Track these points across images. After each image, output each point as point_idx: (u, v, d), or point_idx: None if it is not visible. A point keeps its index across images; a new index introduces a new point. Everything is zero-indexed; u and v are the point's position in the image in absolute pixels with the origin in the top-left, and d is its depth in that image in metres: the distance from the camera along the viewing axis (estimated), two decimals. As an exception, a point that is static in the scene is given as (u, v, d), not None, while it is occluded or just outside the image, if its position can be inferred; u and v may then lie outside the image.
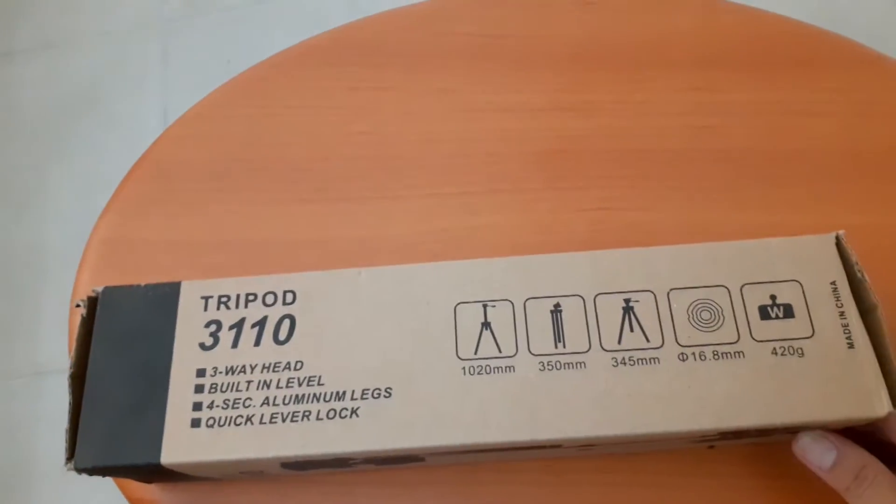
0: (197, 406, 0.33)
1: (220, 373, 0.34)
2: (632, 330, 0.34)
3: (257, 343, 0.35)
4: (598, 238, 0.47)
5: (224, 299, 0.36)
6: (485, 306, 0.35)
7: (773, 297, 0.34)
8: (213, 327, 0.35)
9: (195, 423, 0.33)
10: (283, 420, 0.33)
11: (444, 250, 0.47)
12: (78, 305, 0.35)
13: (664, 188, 0.48)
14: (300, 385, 0.34)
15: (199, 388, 0.34)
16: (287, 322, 0.35)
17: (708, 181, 0.49)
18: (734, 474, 0.41)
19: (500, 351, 0.34)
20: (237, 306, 0.36)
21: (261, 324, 0.35)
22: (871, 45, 0.53)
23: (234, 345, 0.35)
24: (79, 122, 1.21)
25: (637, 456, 0.41)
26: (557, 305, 0.35)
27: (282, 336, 0.35)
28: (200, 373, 0.34)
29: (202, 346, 0.35)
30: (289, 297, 0.36)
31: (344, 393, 0.33)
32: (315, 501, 0.41)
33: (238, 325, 0.35)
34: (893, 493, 0.32)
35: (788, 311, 0.34)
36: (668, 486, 0.41)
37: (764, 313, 0.34)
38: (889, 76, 0.52)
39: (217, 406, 0.33)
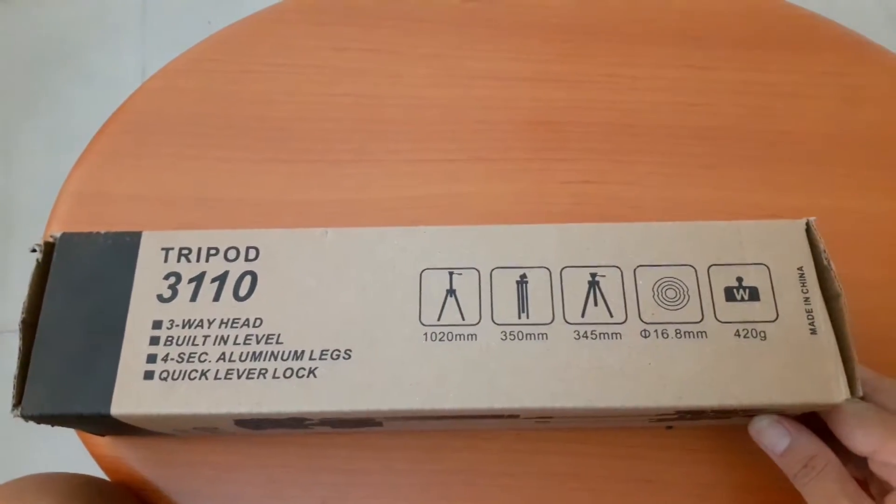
0: (151, 358, 0.33)
1: (177, 326, 0.34)
2: (596, 304, 0.34)
3: (217, 298, 0.34)
4: (580, 211, 0.47)
5: (185, 252, 0.35)
6: (451, 273, 0.35)
7: (739, 280, 0.34)
8: (172, 279, 0.35)
9: (148, 375, 0.33)
10: (239, 377, 0.33)
11: (425, 217, 0.47)
12: (34, 250, 0.35)
13: (649, 164, 0.48)
14: (258, 342, 0.33)
15: (154, 340, 0.33)
16: (248, 278, 0.35)
17: (693, 158, 0.48)
18: (707, 449, 0.41)
19: (463, 318, 0.34)
20: (198, 259, 0.35)
21: (221, 279, 0.35)
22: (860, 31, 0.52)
23: (193, 298, 0.34)
24: (51, 76, 1.17)
25: (609, 428, 0.41)
26: (524, 276, 0.35)
27: (242, 292, 0.34)
28: (157, 325, 0.34)
29: (160, 298, 0.34)
30: (251, 254, 0.35)
31: (302, 352, 0.33)
32: (291, 462, 0.41)
33: (198, 279, 0.35)
34: (838, 485, 0.32)
35: (754, 294, 0.34)
36: (640, 458, 0.41)
37: (729, 295, 0.34)
38: (877, 63, 0.51)
39: (172, 359, 0.33)
